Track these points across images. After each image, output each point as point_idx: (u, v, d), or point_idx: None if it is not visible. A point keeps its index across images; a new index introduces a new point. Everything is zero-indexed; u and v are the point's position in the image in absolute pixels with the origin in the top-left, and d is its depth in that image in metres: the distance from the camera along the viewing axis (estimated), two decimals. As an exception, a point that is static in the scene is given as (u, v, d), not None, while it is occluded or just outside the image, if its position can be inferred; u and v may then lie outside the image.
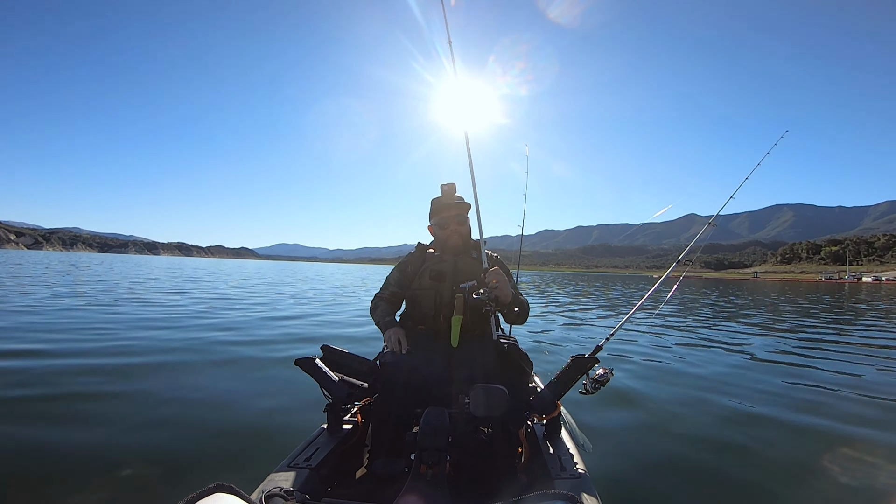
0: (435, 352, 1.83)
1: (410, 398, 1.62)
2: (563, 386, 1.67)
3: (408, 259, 2.09)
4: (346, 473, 1.62)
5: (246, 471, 2.06)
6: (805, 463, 2.48)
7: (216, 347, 4.89)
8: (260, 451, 2.33)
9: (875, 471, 2.40)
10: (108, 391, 3.21)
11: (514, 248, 3.66)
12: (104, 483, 1.98)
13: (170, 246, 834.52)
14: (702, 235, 2.44)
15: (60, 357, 4.14)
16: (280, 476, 1.32)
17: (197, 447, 2.37)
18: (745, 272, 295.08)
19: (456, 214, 2.01)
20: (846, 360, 5.57)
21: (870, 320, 11.08)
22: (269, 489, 1.09)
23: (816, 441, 2.79)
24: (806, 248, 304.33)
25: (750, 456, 2.54)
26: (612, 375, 1.72)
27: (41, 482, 1.99)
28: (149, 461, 2.18)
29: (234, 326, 6.43)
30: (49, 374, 3.58)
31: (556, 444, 1.63)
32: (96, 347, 4.63)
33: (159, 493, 1.92)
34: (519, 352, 1.80)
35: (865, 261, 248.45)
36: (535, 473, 1.55)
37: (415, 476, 1.24)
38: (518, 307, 1.85)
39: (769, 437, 2.84)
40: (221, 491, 0.84)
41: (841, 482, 2.27)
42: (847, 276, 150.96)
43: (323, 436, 1.63)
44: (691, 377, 4.33)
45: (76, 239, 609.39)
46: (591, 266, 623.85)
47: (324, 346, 1.76)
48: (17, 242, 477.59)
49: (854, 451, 2.63)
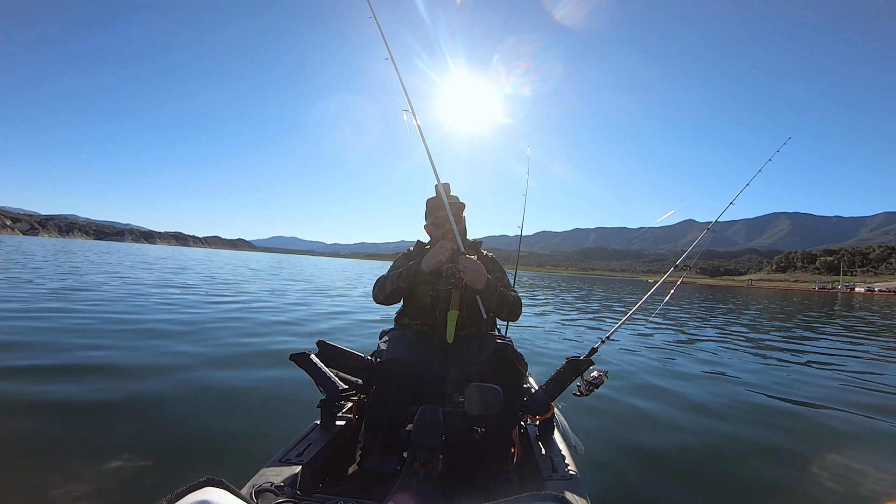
0: (431, 349, 1.83)
1: (405, 396, 1.61)
2: (558, 387, 1.67)
3: (409, 252, 2.11)
4: (339, 470, 1.61)
5: (237, 465, 2.05)
6: (795, 465, 2.50)
7: (208, 341, 4.87)
8: (252, 445, 2.32)
9: (862, 477, 2.42)
10: (96, 383, 3.19)
11: (511, 247, 3.67)
12: (93, 475, 1.96)
13: (166, 235, 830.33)
14: (700, 241, 2.44)
15: (45, 349, 4.11)
16: (271, 471, 1.31)
17: (187, 440, 2.36)
18: (740, 279, 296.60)
19: (451, 212, 2.01)
20: (833, 365, 5.62)
21: (838, 329, 11.17)
22: (260, 484, 1.08)
23: (807, 444, 2.82)
24: (801, 257, 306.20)
25: (741, 459, 2.57)
26: (606, 378, 1.73)
27: (28, 471, 1.97)
28: (138, 454, 2.16)
29: (229, 320, 6.40)
30: (38, 366, 3.55)
31: (549, 446, 1.63)
32: (81, 343, 4.60)
33: (149, 485, 1.91)
34: (514, 352, 1.79)
35: (860, 271, 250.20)
36: (527, 474, 1.55)
37: (407, 474, 1.24)
38: (499, 298, 1.85)
39: (761, 440, 2.87)
40: (212, 485, 0.83)
41: (829, 486, 2.29)
42: (840, 286, 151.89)
43: (316, 431, 1.62)
44: (684, 381, 4.35)
45: (72, 226, 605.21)
46: (588, 269, 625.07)
47: (319, 342, 1.75)
48: (13, 228, 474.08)
49: (843, 457, 2.65)
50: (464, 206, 2.08)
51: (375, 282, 1.98)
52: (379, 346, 1.90)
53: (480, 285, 1.78)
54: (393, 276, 1.90)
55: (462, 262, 1.78)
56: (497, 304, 1.87)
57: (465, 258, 1.80)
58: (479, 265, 1.80)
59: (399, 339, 1.85)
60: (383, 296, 1.92)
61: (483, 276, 1.79)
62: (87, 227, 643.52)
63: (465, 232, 2.09)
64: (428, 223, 2.09)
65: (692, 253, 2.43)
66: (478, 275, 1.77)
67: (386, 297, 1.92)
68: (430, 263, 1.79)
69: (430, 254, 1.82)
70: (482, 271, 1.80)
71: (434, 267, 1.78)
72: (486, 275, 1.82)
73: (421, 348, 1.81)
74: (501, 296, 1.86)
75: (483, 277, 1.79)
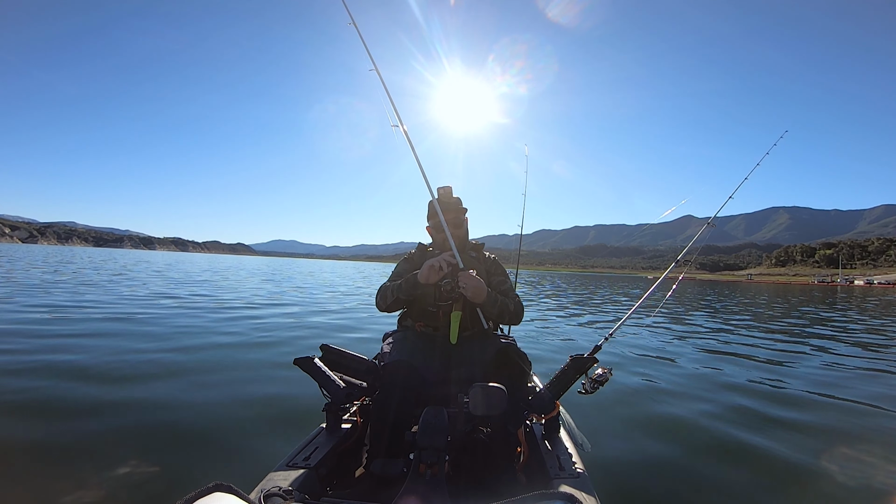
0: (434, 351, 1.83)
1: (409, 398, 1.61)
2: (562, 386, 1.67)
3: (411, 255, 2.12)
4: (345, 473, 1.61)
5: (245, 470, 2.05)
6: (805, 463, 2.49)
7: (215, 346, 4.87)
8: (259, 450, 2.32)
9: (873, 470, 2.42)
10: (103, 387, 3.19)
11: (511, 246, 3.67)
12: (102, 480, 1.96)
13: (166, 241, 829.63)
14: (700, 236, 2.44)
15: (52, 352, 4.11)
16: (279, 475, 1.31)
17: (195, 446, 2.36)
18: (739, 274, 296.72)
19: (453, 217, 2.02)
20: (830, 359, 5.63)
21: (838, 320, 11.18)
22: (268, 488, 1.08)
23: (817, 440, 2.81)
24: (800, 251, 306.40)
25: (750, 457, 2.56)
26: (610, 375, 1.73)
27: (37, 477, 1.97)
28: (147, 459, 2.16)
29: (233, 326, 6.40)
30: (42, 368, 3.55)
31: (555, 444, 1.63)
32: (90, 345, 4.60)
33: (158, 491, 1.91)
34: (518, 351, 1.80)
35: (859, 264, 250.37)
36: (534, 473, 1.55)
37: (414, 476, 1.23)
38: (500, 310, 1.86)
39: (770, 437, 2.85)
40: (220, 490, 0.83)
41: (839, 482, 2.29)
42: (840, 279, 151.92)
43: (322, 435, 1.63)
44: (689, 376, 4.36)
45: (71, 233, 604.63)
46: (588, 266, 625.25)
47: (323, 346, 1.75)
48: (12, 236, 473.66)
49: (852, 451, 2.65)
50: (465, 210, 2.08)
51: (378, 289, 1.99)
52: (382, 348, 1.91)
53: (480, 300, 1.79)
54: (394, 287, 1.89)
55: (462, 278, 1.77)
56: (498, 315, 1.90)
57: (464, 274, 1.79)
58: (479, 281, 1.79)
59: (402, 341, 1.85)
60: (385, 305, 1.93)
61: (483, 291, 1.79)
62: (87, 234, 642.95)
63: (466, 235, 2.10)
64: (430, 225, 2.11)
65: (693, 248, 2.43)
66: (478, 290, 1.77)
67: (388, 306, 1.93)
68: (427, 278, 1.76)
69: (427, 267, 1.77)
70: (482, 286, 1.79)
71: (432, 281, 1.77)
72: (486, 289, 1.82)
73: (424, 350, 1.81)
74: (502, 306, 1.88)
75: (483, 292, 1.79)
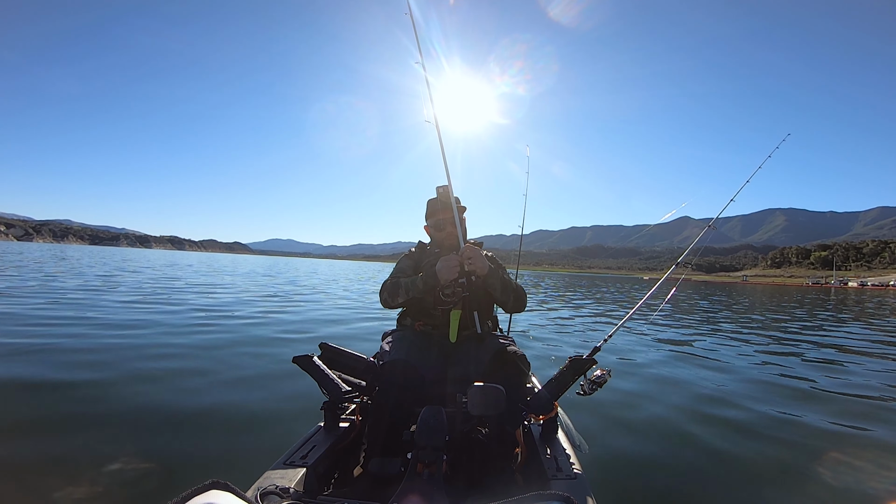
0: (433, 350, 1.83)
1: (408, 397, 1.61)
2: (561, 386, 1.67)
3: (411, 253, 2.13)
4: (343, 472, 1.61)
5: (242, 468, 2.04)
6: (801, 464, 2.50)
7: (211, 344, 4.85)
8: (256, 448, 2.31)
9: (865, 473, 2.43)
10: (98, 384, 3.17)
11: (508, 247, 3.68)
12: (95, 477, 1.94)
13: (162, 239, 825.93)
14: (701, 238, 2.45)
15: (50, 350, 4.08)
16: (276, 474, 1.31)
17: (192, 443, 2.35)
18: (735, 275, 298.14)
19: (451, 216, 2.02)
20: (826, 360, 5.66)
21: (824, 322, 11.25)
22: (265, 486, 1.08)
23: (812, 441, 2.82)
24: (796, 253, 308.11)
25: (746, 457, 2.56)
26: (609, 377, 1.73)
27: (29, 474, 1.96)
28: (142, 457, 2.14)
29: (231, 322, 6.38)
30: (38, 364, 3.53)
31: (553, 445, 1.63)
32: (84, 345, 4.57)
33: (153, 489, 1.89)
34: (517, 351, 1.80)
35: (854, 266, 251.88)
36: (532, 474, 1.54)
37: (411, 475, 1.23)
38: (503, 284, 1.93)
39: (769, 437, 2.87)
40: (217, 488, 0.83)
41: (832, 484, 2.29)
42: (834, 280, 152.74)
43: (320, 434, 1.62)
44: (687, 378, 4.36)
45: (67, 231, 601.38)
46: (585, 267, 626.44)
47: (322, 344, 1.74)
48: (8, 234, 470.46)
49: (844, 455, 2.66)
50: (464, 209, 2.09)
51: (382, 286, 1.97)
52: (381, 347, 1.90)
53: (484, 272, 1.85)
54: (407, 284, 1.89)
55: (466, 250, 1.86)
56: (502, 290, 1.93)
57: (468, 246, 1.89)
58: (479, 252, 1.90)
59: (401, 340, 1.84)
60: (395, 303, 1.92)
61: (486, 262, 1.88)
62: (83, 232, 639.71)
63: (465, 234, 2.10)
64: (429, 224, 2.10)
65: (693, 250, 2.44)
66: (482, 260, 1.85)
67: (399, 303, 1.93)
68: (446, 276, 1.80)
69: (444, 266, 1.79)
70: (484, 258, 1.89)
71: (451, 279, 1.81)
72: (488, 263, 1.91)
73: (423, 349, 1.81)
74: (505, 281, 1.94)
75: (486, 263, 1.87)
